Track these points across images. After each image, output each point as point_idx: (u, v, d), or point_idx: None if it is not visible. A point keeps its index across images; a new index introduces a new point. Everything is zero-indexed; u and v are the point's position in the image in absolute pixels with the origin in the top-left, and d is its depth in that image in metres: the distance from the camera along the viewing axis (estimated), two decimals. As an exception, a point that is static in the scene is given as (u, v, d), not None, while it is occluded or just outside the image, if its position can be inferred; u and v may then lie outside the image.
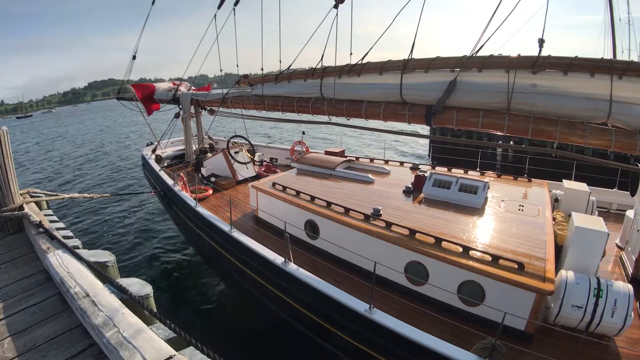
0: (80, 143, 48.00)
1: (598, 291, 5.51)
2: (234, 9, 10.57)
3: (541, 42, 7.32)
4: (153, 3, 14.66)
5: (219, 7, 11.10)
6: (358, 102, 7.46)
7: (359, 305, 5.43)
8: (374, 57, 7.58)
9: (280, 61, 8.74)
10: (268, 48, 9.56)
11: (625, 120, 6.05)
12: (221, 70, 10.86)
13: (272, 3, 9.52)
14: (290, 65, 8.68)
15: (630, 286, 5.63)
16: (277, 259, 6.67)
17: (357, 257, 6.81)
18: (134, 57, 15.37)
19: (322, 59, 7.79)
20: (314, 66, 8.29)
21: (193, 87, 14.64)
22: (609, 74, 5.87)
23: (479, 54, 6.55)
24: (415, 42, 6.95)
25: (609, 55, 21.79)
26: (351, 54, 7.45)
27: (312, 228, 8.03)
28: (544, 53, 6.46)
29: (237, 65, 10.28)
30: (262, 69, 9.45)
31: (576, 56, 6.14)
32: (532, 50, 6.55)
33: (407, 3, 6.96)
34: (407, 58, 6.93)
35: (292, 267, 6.43)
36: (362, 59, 7.39)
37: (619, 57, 22.28)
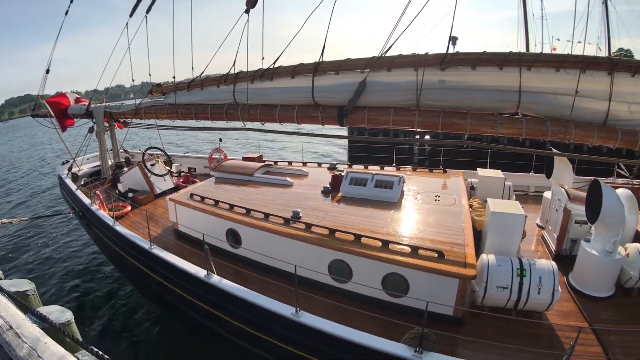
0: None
1: (521, 271, 5.81)
2: (146, 17, 10.08)
3: (453, 39, 7.67)
4: (66, 13, 13.76)
5: (130, 15, 10.58)
6: (271, 107, 7.36)
7: (285, 310, 5.41)
8: (294, 61, 7.49)
9: (192, 68, 8.41)
10: (183, 55, 9.18)
11: (535, 109, 6.44)
12: (133, 80, 10.28)
13: (186, 9, 9.16)
14: (202, 72, 8.37)
15: (553, 263, 5.98)
16: (200, 272, 6.51)
17: (282, 261, 6.69)
18: (48, 71, 14.30)
19: (234, 64, 7.62)
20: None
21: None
22: (518, 66, 6.19)
23: (390, 55, 6.67)
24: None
25: (523, 49, 23.41)
26: (263, 58, 7.30)
27: (233, 237, 7.84)
28: (461, 50, 6.69)
29: (150, 74, 9.74)
30: (174, 77, 9.04)
31: (484, 51, 6.43)
32: (451, 48, 6.77)
33: (316, 7, 7.04)
34: (317, 61, 6.95)
35: (216, 279, 6.30)
36: (274, 63, 7.30)
37: (532, 51, 23.96)
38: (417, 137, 22.03)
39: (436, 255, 5.81)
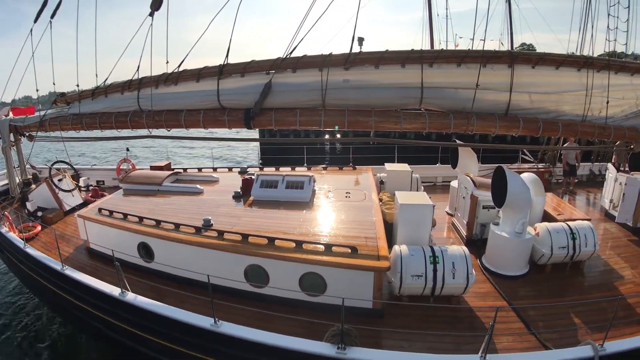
0: None
1: (434, 258, 6.05)
2: (51, 22, 9.45)
3: (360, 40, 7.84)
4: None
5: (35, 21, 9.86)
6: (177, 112, 7.12)
7: (203, 322, 5.27)
8: (203, 65, 7.26)
9: (97, 75, 7.99)
10: (90, 62, 8.65)
11: (438, 103, 6.71)
12: (37, 90, 9.61)
13: (91, 14, 8.66)
14: (106, 79, 7.96)
15: (464, 248, 6.29)
16: (114, 290, 6.24)
17: (197, 272, 6.49)
18: (-52, 85, 13.01)
19: (138, 69, 7.28)
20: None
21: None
22: (420, 63, 6.37)
23: (295, 55, 6.66)
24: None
25: (428, 48, 24.49)
26: (167, 62, 7.07)
27: (145, 251, 7.51)
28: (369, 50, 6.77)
29: (54, 83, 9.17)
30: (77, 85, 8.55)
31: (387, 50, 6.58)
32: (359, 49, 6.82)
33: (221, 8, 6.91)
34: (222, 63, 6.83)
35: (130, 297, 6.06)
36: (179, 66, 7.05)
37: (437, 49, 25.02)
38: (327, 136, 22.48)
39: (349, 250, 5.89)
